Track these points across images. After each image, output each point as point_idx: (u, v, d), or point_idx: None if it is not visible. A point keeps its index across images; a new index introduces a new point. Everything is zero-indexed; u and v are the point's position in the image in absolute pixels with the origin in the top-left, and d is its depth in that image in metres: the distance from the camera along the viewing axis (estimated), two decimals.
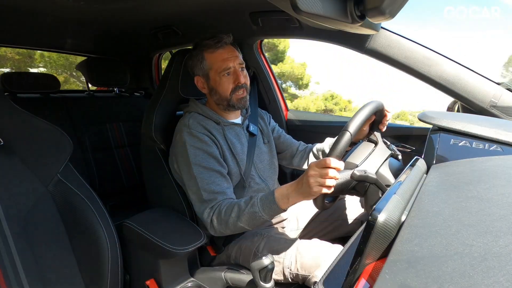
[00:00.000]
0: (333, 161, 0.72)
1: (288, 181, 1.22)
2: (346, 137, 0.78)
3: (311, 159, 1.20)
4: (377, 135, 0.93)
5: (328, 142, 1.17)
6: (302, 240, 0.93)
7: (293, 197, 0.80)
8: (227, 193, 0.94)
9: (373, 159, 0.85)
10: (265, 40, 1.70)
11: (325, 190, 0.72)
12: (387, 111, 0.95)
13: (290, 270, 0.87)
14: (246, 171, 1.03)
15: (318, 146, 1.20)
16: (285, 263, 0.88)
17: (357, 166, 0.83)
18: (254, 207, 0.84)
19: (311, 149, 1.21)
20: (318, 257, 0.85)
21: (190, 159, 0.94)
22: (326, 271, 0.44)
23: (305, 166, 1.21)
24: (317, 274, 0.83)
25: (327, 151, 1.15)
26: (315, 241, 0.92)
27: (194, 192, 0.94)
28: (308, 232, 1.15)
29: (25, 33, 1.47)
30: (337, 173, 0.73)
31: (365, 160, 0.85)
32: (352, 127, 0.79)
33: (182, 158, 0.96)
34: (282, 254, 0.89)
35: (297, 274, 0.86)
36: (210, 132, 0.98)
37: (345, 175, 0.79)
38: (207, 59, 0.99)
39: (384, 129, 0.98)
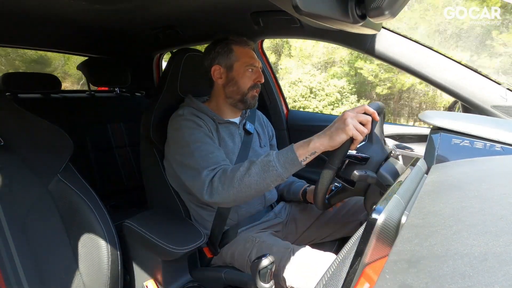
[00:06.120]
0: (371, 109, 0.75)
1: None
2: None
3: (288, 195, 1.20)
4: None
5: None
6: (295, 247, 0.90)
7: (315, 141, 0.75)
8: (228, 162, 0.93)
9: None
10: None
11: (357, 135, 0.72)
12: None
13: (285, 283, 0.86)
14: None
15: (295, 188, 1.18)
16: (279, 276, 0.87)
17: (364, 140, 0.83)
18: (269, 156, 0.80)
19: (289, 185, 1.20)
20: (312, 270, 0.83)
21: (187, 138, 0.93)
22: (324, 274, 0.44)
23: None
24: None
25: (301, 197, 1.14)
26: (308, 250, 0.89)
27: (192, 167, 0.88)
28: (308, 236, 1.14)
29: (26, 33, 1.47)
30: (369, 124, 0.74)
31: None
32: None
33: (177, 143, 0.95)
34: (276, 266, 0.86)
35: (292, 287, 0.85)
36: (203, 120, 0.99)
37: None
38: (235, 51, 1.02)
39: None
